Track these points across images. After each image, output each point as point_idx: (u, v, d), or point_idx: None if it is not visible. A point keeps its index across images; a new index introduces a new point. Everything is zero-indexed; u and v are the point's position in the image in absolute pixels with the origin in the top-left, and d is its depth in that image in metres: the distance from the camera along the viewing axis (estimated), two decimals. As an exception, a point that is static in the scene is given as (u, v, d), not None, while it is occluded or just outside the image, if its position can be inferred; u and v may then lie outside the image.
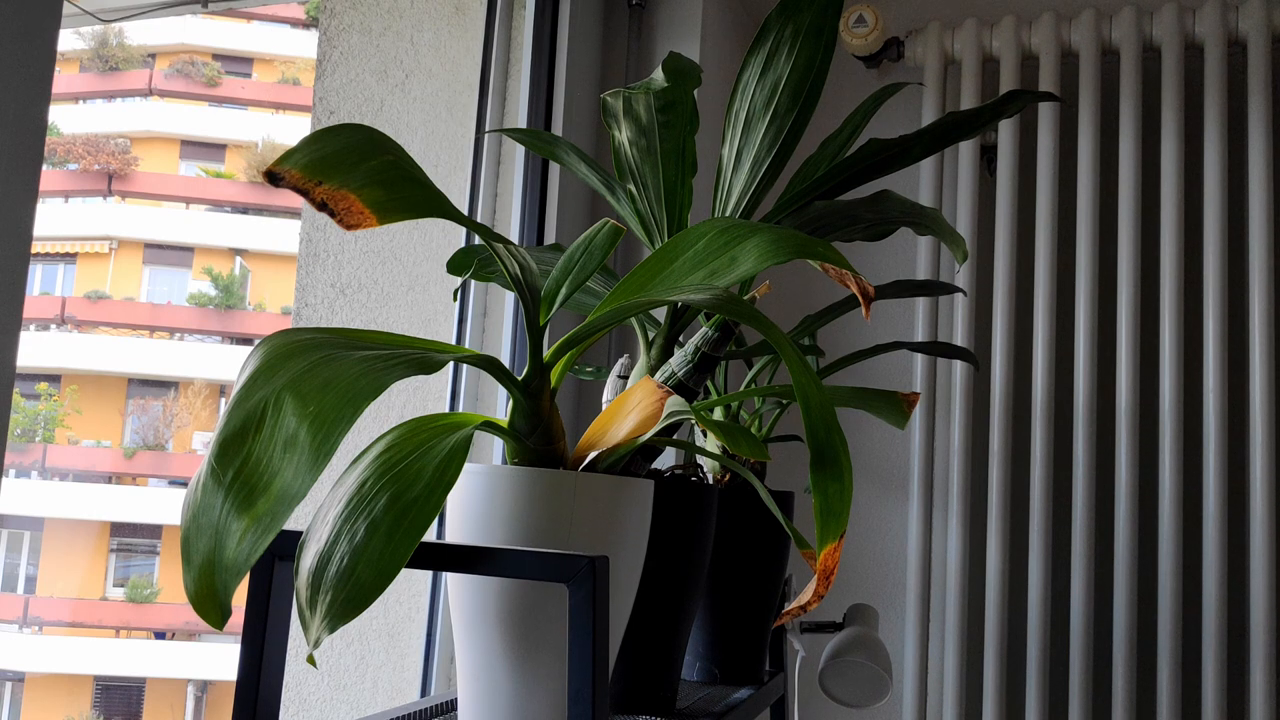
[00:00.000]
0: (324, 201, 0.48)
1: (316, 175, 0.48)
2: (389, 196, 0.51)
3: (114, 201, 13.71)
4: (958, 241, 0.93)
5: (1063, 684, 1.52)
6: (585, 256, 0.62)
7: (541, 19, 1.43)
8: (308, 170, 0.48)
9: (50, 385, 12.94)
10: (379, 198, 0.50)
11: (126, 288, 13.45)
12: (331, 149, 0.50)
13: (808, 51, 0.86)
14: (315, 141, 0.50)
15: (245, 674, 0.60)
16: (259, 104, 14.08)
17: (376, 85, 1.37)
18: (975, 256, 1.62)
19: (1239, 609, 1.48)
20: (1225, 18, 1.54)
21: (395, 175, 0.52)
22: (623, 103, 0.82)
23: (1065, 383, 1.57)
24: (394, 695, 1.28)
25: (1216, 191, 1.52)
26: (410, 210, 0.52)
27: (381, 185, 0.51)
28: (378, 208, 0.50)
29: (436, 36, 1.41)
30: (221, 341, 13.37)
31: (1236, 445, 1.51)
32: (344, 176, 0.49)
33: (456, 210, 0.57)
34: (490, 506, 0.65)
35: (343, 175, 0.49)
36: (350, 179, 0.49)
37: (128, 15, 1.67)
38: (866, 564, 1.67)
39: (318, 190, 0.48)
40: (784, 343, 0.51)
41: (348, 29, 1.37)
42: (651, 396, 0.63)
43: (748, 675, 1.06)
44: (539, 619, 0.64)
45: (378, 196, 0.50)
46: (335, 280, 1.33)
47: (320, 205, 0.48)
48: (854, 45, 1.65)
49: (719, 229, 0.60)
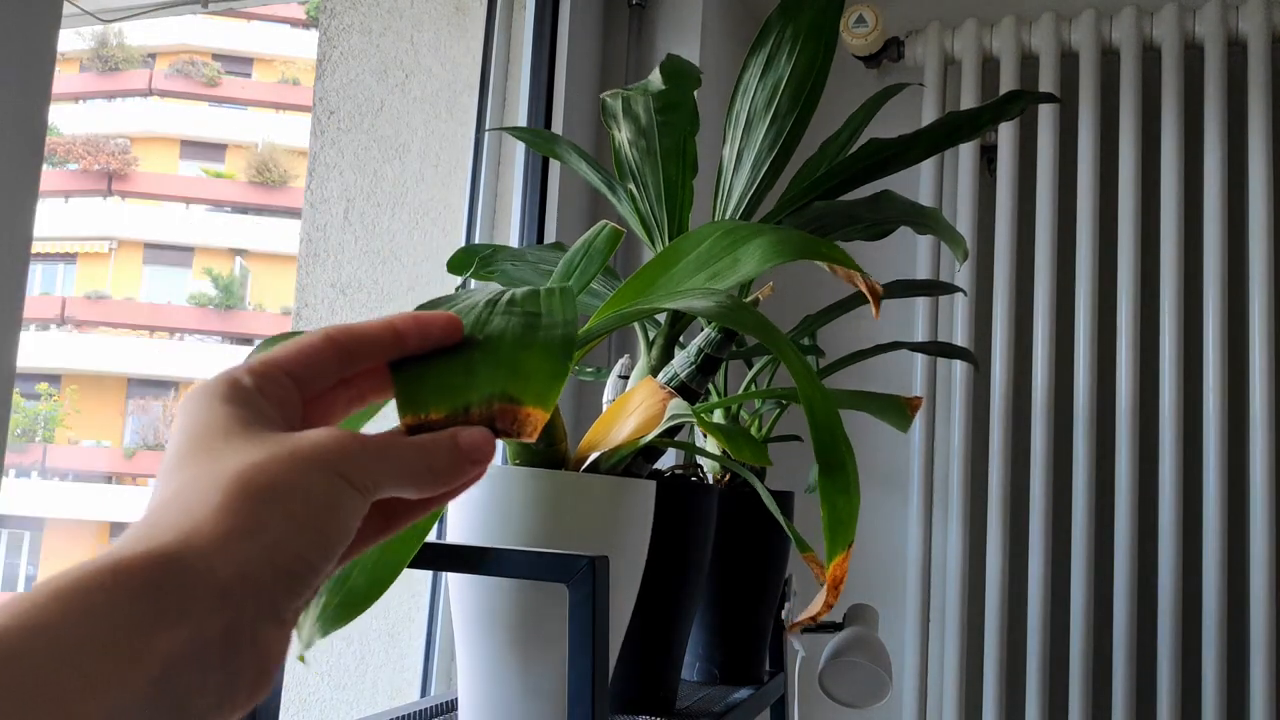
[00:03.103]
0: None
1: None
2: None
3: (114, 201, 13.72)
4: (958, 241, 0.93)
5: (1063, 684, 1.52)
6: (585, 260, 0.62)
7: (541, 19, 1.43)
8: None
9: (50, 385, 12.95)
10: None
11: (126, 288, 13.45)
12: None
13: (808, 52, 0.86)
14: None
15: (246, 674, 0.60)
16: (259, 104, 14.08)
17: (376, 85, 1.37)
18: (975, 256, 1.62)
19: (1239, 609, 1.48)
20: (1225, 18, 1.54)
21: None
22: (622, 103, 0.81)
23: (1065, 383, 1.57)
24: (394, 695, 1.28)
25: (1216, 191, 1.51)
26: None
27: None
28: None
29: (436, 36, 1.41)
30: (221, 341, 13.37)
31: (1236, 445, 1.51)
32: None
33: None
34: (491, 507, 0.65)
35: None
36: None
37: (128, 15, 1.67)
38: (867, 564, 1.67)
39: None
40: (789, 351, 0.51)
41: (348, 29, 1.37)
42: (654, 398, 0.63)
43: (748, 675, 1.06)
44: (540, 619, 0.64)
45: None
46: (335, 280, 1.33)
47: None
48: (854, 45, 1.65)
49: (722, 230, 0.60)
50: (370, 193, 1.35)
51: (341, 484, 0.31)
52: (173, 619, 0.26)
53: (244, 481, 0.29)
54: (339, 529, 0.30)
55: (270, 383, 0.34)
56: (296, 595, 0.29)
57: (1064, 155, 1.62)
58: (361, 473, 0.31)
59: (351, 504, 0.31)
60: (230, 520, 0.29)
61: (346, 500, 0.31)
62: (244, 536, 0.28)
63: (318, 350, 0.35)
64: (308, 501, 0.30)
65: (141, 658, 0.25)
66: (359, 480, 0.31)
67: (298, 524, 0.29)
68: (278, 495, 0.30)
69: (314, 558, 0.30)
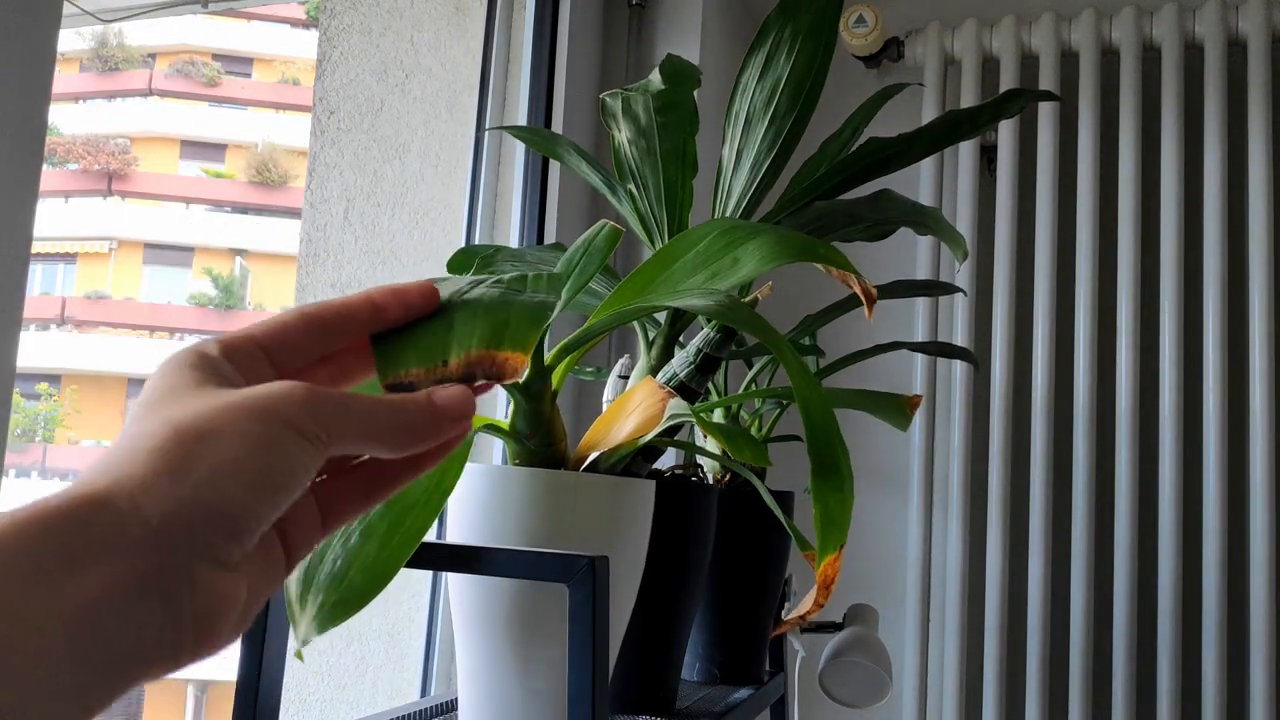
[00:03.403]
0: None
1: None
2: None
3: (114, 201, 13.71)
4: (958, 241, 0.93)
5: (1063, 684, 1.52)
6: (585, 259, 0.62)
7: (541, 19, 1.43)
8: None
9: (50, 385, 12.94)
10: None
11: (126, 288, 13.45)
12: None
13: (808, 52, 0.86)
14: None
15: (245, 674, 0.60)
16: (259, 104, 14.08)
17: (376, 85, 1.37)
18: (975, 256, 1.62)
19: (1239, 608, 1.48)
20: (1225, 18, 1.54)
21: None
22: (621, 103, 0.81)
23: (1065, 383, 1.57)
24: (394, 695, 1.28)
25: (1216, 191, 1.51)
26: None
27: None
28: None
29: (436, 36, 1.41)
30: (221, 341, 13.34)
31: (1236, 445, 1.51)
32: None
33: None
34: (491, 507, 0.65)
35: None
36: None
37: (128, 15, 1.67)
38: (866, 564, 1.67)
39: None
40: (786, 351, 0.51)
41: (348, 29, 1.37)
42: (653, 398, 0.63)
43: (748, 675, 1.06)
44: (540, 619, 0.64)
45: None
46: (335, 280, 1.33)
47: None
48: (854, 45, 1.65)
49: (721, 230, 0.60)
50: (370, 193, 1.35)
51: (285, 430, 0.30)
52: (93, 557, 0.26)
53: (177, 426, 0.29)
54: (279, 472, 0.30)
55: (238, 353, 0.34)
56: (234, 538, 0.29)
57: (1064, 155, 1.62)
58: (309, 420, 0.31)
59: (298, 450, 0.31)
60: (160, 461, 0.29)
61: (291, 445, 0.30)
62: (172, 476, 0.28)
63: (290, 325, 0.35)
64: (244, 443, 0.30)
65: (58, 594, 0.26)
66: (306, 427, 0.31)
67: (231, 465, 0.29)
68: (211, 437, 0.29)
69: (248, 499, 0.29)
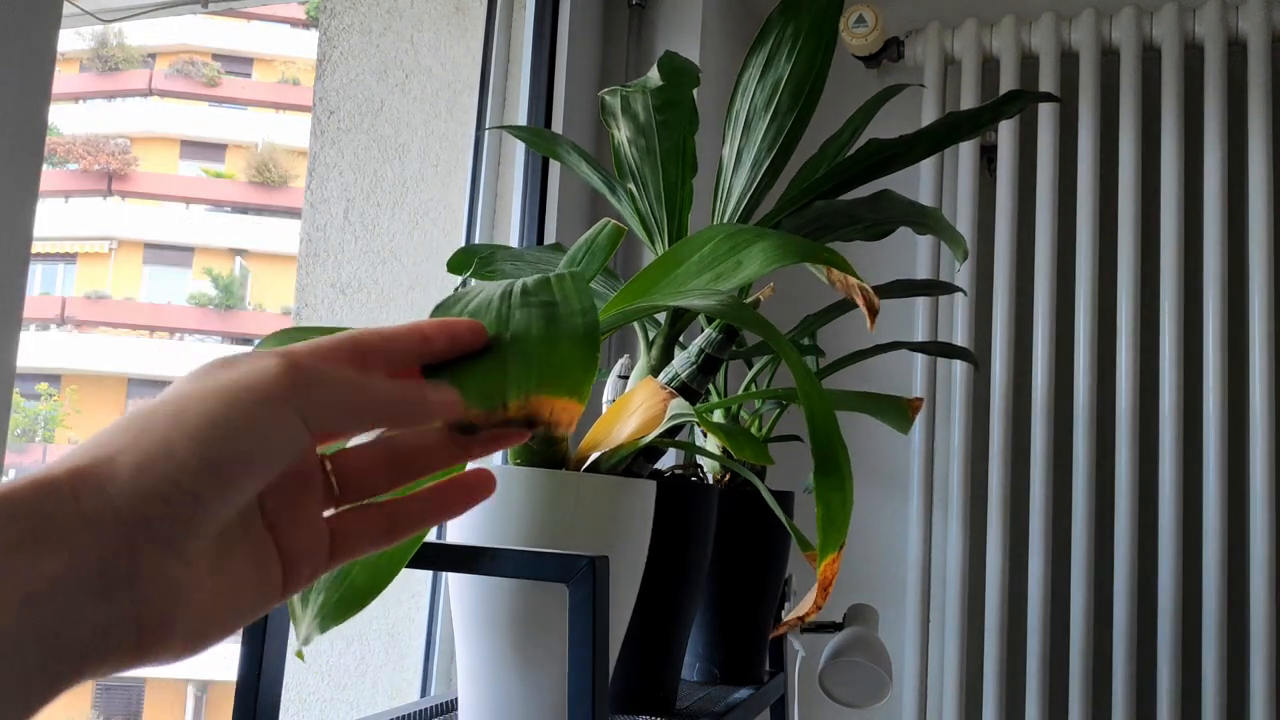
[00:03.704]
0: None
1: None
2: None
3: (114, 201, 13.71)
4: (958, 240, 0.93)
5: (1063, 684, 1.52)
6: (588, 258, 0.62)
7: (541, 19, 1.43)
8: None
9: (50, 385, 12.94)
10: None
11: (126, 288, 13.45)
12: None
13: (808, 51, 0.86)
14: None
15: (245, 674, 0.60)
16: (259, 104, 14.08)
17: (376, 85, 1.37)
18: (975, 256, 1.62)
19: (1239, 609, 1.48)
20: (1225, 18, 1.54)
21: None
22: (620, 101, 0.81)
23: (1065, 383, 1.57)
24: (394, 695, 1.27)
25: (1216, 191, 1.51)
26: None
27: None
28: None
29: (436, 36, 1.41)
30: (221, 341, 13.36)
31: (1236, 445, 1.51)
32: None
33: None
34: (492, 506, 0.65)
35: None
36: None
37: (128, 15, 1.67)
38: (866, 564, 1.67)
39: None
40: (789, 351, 0.51)
41: (348, 29, 1.37)
42: (655, 398, 0.63)
43: (748, 675, 1.06)
44: (540, 619, 0.64)
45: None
46: (335, 280, 1.33)
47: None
48: (854, 45, 1.65)
49: (725, 233, 0.60)
50: (370, 193, 1.35)
51: (261, 403, 0.30)
52: (49, 544, 0.26)
53: (148, 406, 0.30)
54: (252, 445, 0.30)
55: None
56: (189, 524, 0.28)
57: (1064, 155, 1.62)
58: (290, 391, 0.31)
59: (271, 418, 0.30)
60: (122, 439, 0.29)
61: (262, 415, 0.30)
62: (132, 460, 0.28)
63: (334, 346, 0.35)
64: (204, 417, 0.29)
65: (9, 580, 0.25)
66: (282, 395, 0.31)
67: (195, 443, 0.29)
68: (179, 414, 0.29)
69: (204, 472, 0.29)
